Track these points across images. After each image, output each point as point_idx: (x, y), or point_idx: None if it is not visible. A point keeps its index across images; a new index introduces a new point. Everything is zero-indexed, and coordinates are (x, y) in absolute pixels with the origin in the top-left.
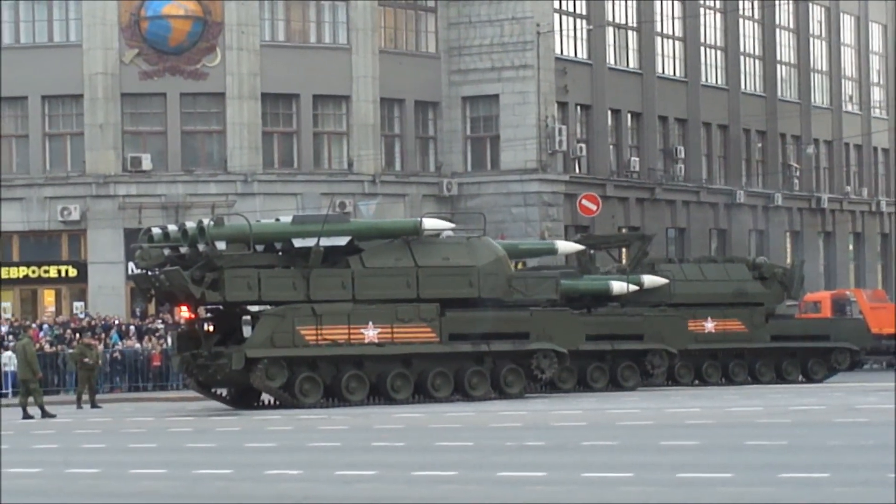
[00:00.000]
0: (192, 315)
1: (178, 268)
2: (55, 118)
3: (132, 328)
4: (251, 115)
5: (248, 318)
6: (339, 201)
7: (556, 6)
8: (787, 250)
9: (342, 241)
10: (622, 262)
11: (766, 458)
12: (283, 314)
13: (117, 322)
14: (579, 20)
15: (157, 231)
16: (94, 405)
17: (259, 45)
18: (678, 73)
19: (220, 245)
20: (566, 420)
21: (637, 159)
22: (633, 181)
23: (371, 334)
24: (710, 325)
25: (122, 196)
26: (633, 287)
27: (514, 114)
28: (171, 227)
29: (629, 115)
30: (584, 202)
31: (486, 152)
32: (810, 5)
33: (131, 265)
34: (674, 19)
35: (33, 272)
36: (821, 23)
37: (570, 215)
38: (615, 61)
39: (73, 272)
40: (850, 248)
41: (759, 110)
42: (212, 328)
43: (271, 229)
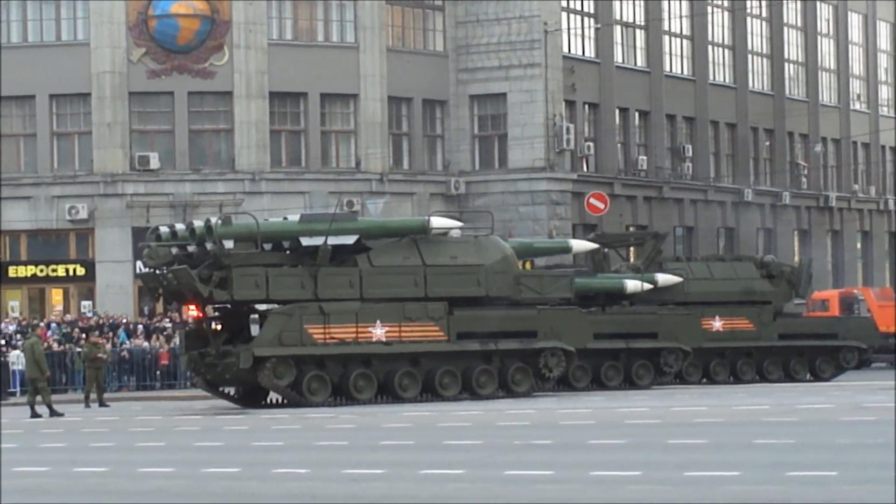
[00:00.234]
0: (200, 314)
1: (185, 266)
2: (63, 117)
3: (140, 327)
4: (259, 114)
5: (256, 316)
6: (346, 200)
7: (564, 5)
8: (795, 249)
9: (350, 239)
10: (629, 260)
11: (773, 457)
12: (291, 313)
13: (125, 321)
14: (587, 18)
15: (164, 230)
16: (101, 404)
17: (267, 43)
18: (686, 72)
19: (228, 244)
20: (574, 418)
21: (645, 158)
22: (641, 180)
23: (379, 333)
24: (717, 324)
25: (130, 195)
26: (648, 285)
27: (522, 112)
28: (179, 226)
29: (637, 114)
30: (592, 201)
31: (494, 151)
32: (818, 4)
33: (139, 264)
34: (681, 18)
35: (41, 271)
36: (828, 21)
37: (577, 214)
38: (623, 60)
39: (80, 271)
40: (858, 246)
41: (766, 109)
42: (220, 327)
43: (279, 228)
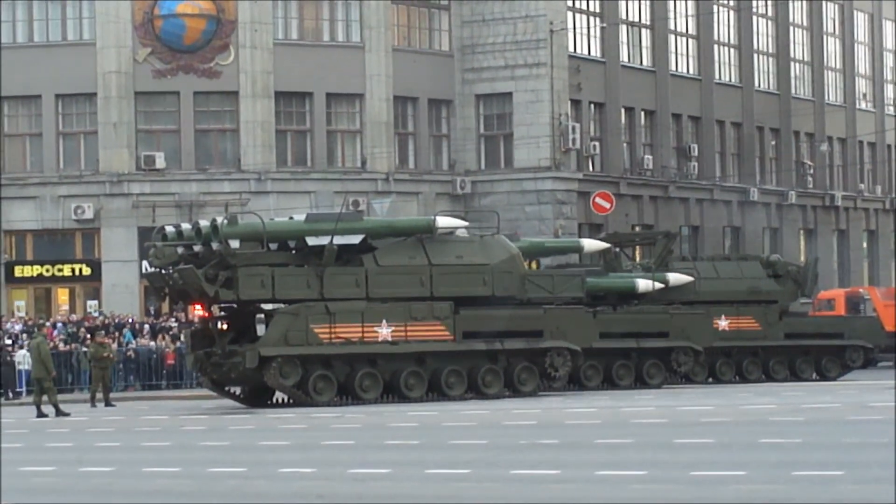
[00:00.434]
0: (206, 313)
1: (191, 266)
2: (69, 117)
3: (146, 326)
4: (264, 114)
5: (262, 316)
6: (352, 199)
7: (570, 4)
8: (801, 248)
9: (356, 239)
10: (636, 260)
11: (779, 456)
12: (297, 312)
13: (131, 320)
14: (593, 18)
15: (170, 229)
16: (108, 403)
17: (272, 43)
18: (692, 71)
19: (234, 243)
20: (580, 418)
21: (650, 157)
22: (647, 179)
23: (385, 332)
24: (724, 323)
25: (136, 194)
26: (659, 285)
27: (528, 112)
28: (185, 226)
29: (643, 113)
30: (598, 200)
31: (500, 150)
32: (824, 3)
33: (145, 263)
34: (687, 17)
35: (47, 271)
36: (834, 20)
37: (583, 213)
38: (629, 59)
39: (86, 271)
40: (864, 245)
41: (772, 108)
42: (225, 326)
43: (285, 227)
